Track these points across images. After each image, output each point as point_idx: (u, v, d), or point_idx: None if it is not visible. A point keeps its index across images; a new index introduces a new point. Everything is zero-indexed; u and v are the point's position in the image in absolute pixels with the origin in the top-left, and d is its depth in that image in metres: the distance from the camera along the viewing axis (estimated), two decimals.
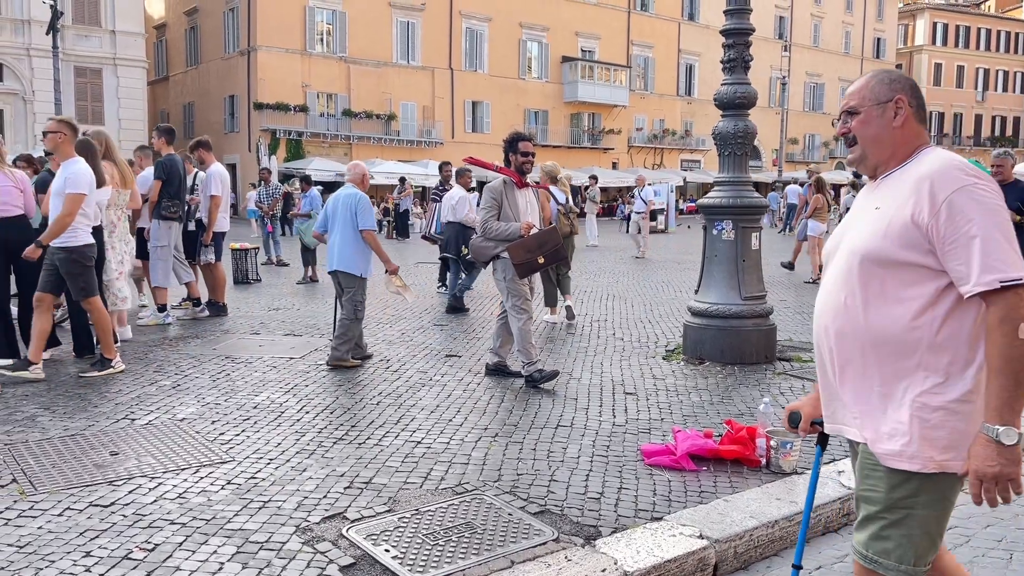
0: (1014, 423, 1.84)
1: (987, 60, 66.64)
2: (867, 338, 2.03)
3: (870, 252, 2.01)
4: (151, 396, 5.49)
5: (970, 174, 1.92)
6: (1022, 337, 1.82)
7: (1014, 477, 1.85)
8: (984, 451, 1.87)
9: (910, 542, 2.01)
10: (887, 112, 2.08)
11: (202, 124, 38.46)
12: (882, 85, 2.10)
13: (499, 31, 41.57)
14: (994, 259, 1.84)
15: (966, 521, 3.92)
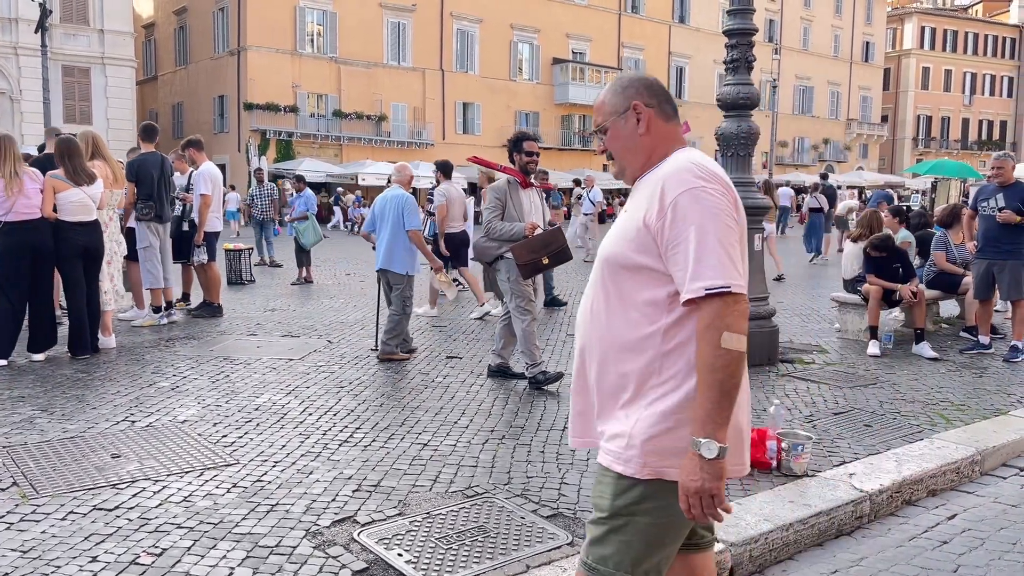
0: (716, 436, 1.75)
1: (974, 64, 67.09)
2: (608, 342, 1.95)
3: (611, 256, 1.95)
4: (150, 398, 5.40)
5: (700, 176, 1.83)
6: (725, 347, 1.73)
7: (715, 493, 1.76)
8: (688, 464, 1.78)
9: (629, 549, 1.91)
10: (629, 121, 2.01)
11: (191, 124, 38.24)
12: (616, 96, 2.03)
13: (490, 32, 41.53)
14: (704, 266, 1.76)
15: (979, 524, 3.90)
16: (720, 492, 1.77)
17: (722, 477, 1.77)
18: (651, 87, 2.06)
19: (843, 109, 59.47)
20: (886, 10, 63.35)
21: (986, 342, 7.35)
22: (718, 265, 1.76)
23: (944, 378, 6.38)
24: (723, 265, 1.77)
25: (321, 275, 13.37)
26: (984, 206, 7.18)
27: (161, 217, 8.23)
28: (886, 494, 4.06)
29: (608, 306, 1.96)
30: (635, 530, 1.91)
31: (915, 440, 4.77)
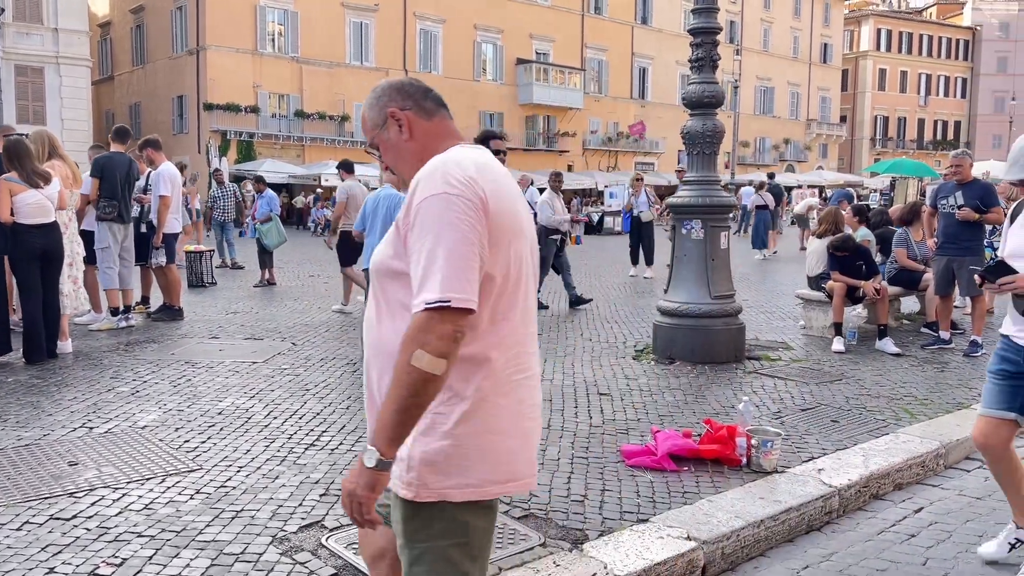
0: (382, 448, 1.66)
1: (929, 65, 68.43)
2: (383, 353, 1.81)
3: (376, 262, 1.87)
4: (109, 403, 5.26)
5: (450, 181, 1.71)
6: (414, 364, 1.62)
7: (363, 501, 1.69)
8: (356, 465, 1.73)
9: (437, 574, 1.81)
10: (391, 131, 1.94)
11: (149, 125, 37.55)
12: (372, 109, 1.97)
13: (453, 33, 41.40)
14: (430, 279, 1.64)
15: (945, 517, 3.94)
16: (368, 502, 1.69)
17: (375, 488, 1.69)
18: (403, 89, 1.97)
19: (803, 109, 60.28)
20: (843, 12, 64.33)
21: (947, 337, 7.46)
22: (443, 280, 1.64)
23: (907, 373, 6.46)
24: (448, 279, 1.64)
25: (284, 277, 13.20)
26: (943, 204, 7.29)
27: (123, 218, 8.06)
28: (854, 489, 4.08)
29: (379, 314, 1.85)
30: (436, 555, 1.81)
31: (881, 435, 4.81)
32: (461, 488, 1.76)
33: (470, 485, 1.77)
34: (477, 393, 1.76)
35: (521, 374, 1.84)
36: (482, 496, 1.79)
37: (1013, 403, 3.26)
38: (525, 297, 1.87)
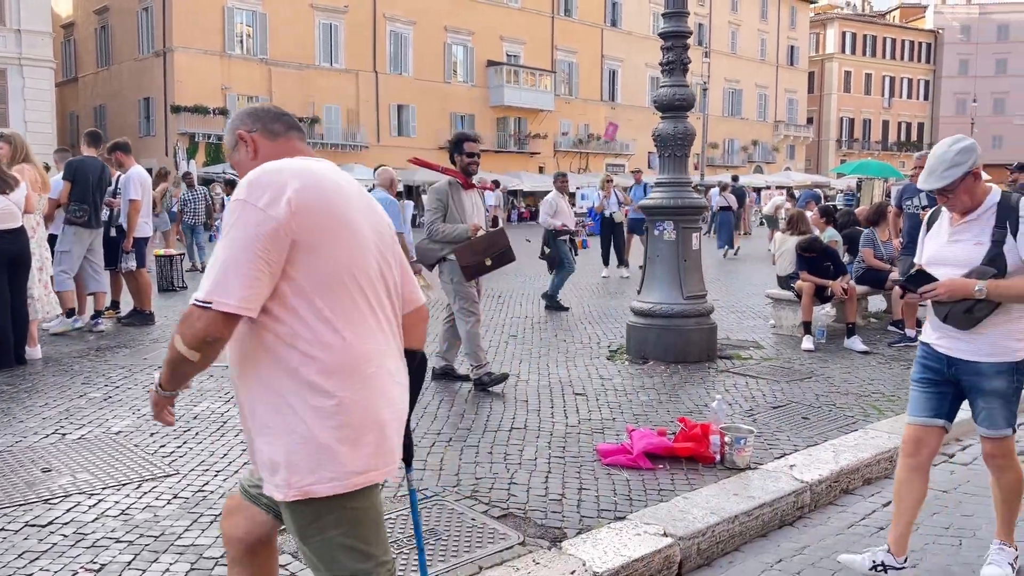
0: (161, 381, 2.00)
1: (893, 68, 69.58)
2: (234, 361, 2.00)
3: None
4: (81, 409, 5.22)
5: (253, 188, 1.84)
6: (177, 347, 1.86)
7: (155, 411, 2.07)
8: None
9: (340, 563, 1.96)
10: (241, 152, 2.10)
11: (115, 127, 37.06)
12: (228, 135, 2.14)
13: (424, 35, 41.34)
14: (209, 279, 1.80)
15: None
16: (157, 411, 2.06)
17: (158, 403, 2.05)
18: (253, 113, 2.12)
19: (771, 111, 60.99)
20: (809, 15, 65.20)
21: (912, 335, 7.61)
22: (214, 282, 1.79)
23: (875, 370, 6.59)
24: (218, 283, 1.78)
25: None
26: (908, 204, 7.45)
27: (92, 223, 7.95)
28: (825, 484, 4.17)
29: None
30: (332, 546, 1.95)
31: (850, 431, 4.91)
32: (325, 483, 1.88)
33: (334, 479, 1.88)
34: (326, 392, 1.87)
35: (372, 367, 1.93)
36: (346, 488, 1.90)
37: (940, 410, 3.24)
38: (378, 297, 1.98)
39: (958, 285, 3.00)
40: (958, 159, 2.98)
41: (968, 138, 3.07)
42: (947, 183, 2.98)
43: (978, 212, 3.07)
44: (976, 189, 3.05)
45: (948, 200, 3.08)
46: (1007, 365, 3.06)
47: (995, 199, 3.07)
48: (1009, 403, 3.12)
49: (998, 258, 2.99)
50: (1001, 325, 3.03)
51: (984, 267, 3.00)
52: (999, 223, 3.01)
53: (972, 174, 3.00)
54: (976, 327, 3.03)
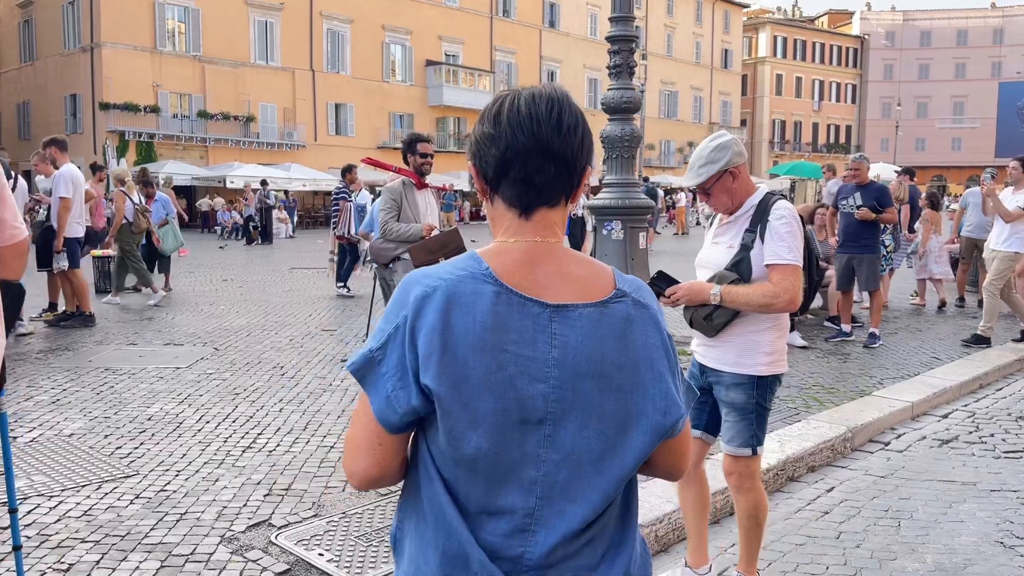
0: None
1: (822, 72, 71.65)
2: None
3: None
4: (29, 412, 5.12)
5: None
6: None
7: None
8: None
9: None
10: None
11: (40, 124, 35.89)
12: None
13: (361, 33, 41.04)
14: None
15: (854, 495, 4.25)
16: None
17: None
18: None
19: (705, 113, 62.22)
20: (742, 20, 66.72)
21: (848, 330, 7.94)
22: None
23: (814, 364, 6.86)
24: None
25: (197, 282, 12.91)
26: (843, 204, 7.76)
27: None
28: (772, 472, 4.36)
29: None
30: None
31: (793, 422, 5.13)
32: None
33: None
34: None
35: None
36: None
37: (699, 421, 3.05)
38: None
39: (696, 289, 2.81)
40: (713, 156, 2.79)
41: (728, 135, 2.88)
42: (701, 180, 2.80)
43: (738, 213, 2.87)
44: (736, 188, 2.83)
45: (708, 199, 2.88)
46: (747, 378, 2.82)
47: (755, 200, 2.86)
48: (747, 419, 2.86)
49: (742, 263, 2.79)
50: (746, 335, 2.81)
51: (725, 271, 2.81)
52: (751, 226, 2.81)
53: (730, 173, 2.80)
54: (723, 335, 2.83)
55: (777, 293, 2.69)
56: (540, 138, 1.22)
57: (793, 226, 2.75)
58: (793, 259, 2.72)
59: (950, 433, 5.31)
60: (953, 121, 72.75)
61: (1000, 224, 7.78)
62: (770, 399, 2.89)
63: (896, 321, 9.19)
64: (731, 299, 2.73)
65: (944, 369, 6.71)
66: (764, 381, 2.83)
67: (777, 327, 2.85)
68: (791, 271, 2.71)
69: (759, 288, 2.71)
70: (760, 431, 2.89)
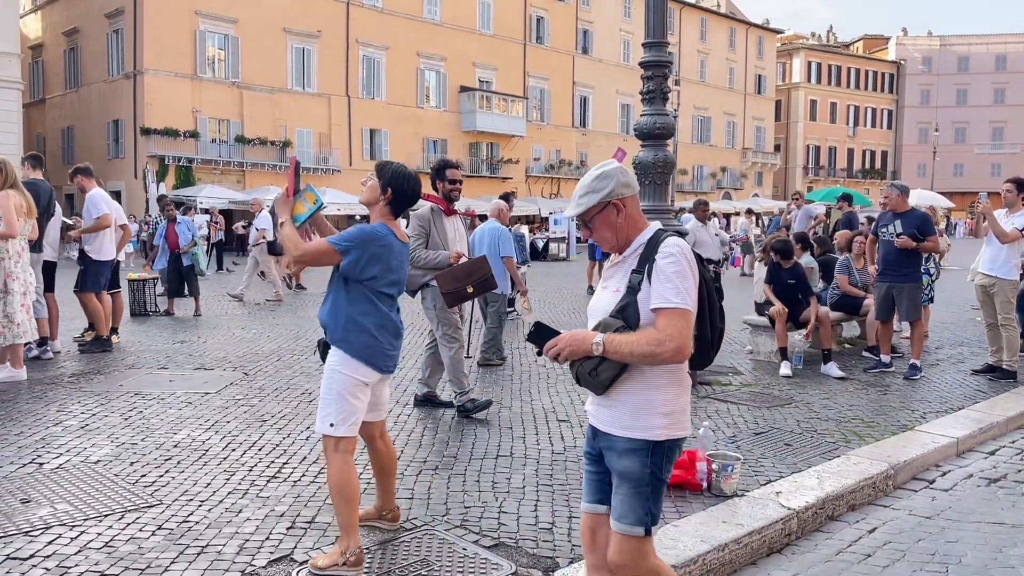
0: None
1: (857, 98, 71.07)
2: None
3: None
4: (57, 437, 5.11)
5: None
6: None
7: None
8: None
9: None
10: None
11: (83, 149, 36.68)
12: None
13: (396, 60, 41.52)
14: None
15: (898, 536, 4.07)
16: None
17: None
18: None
19: (739, 138, 61.91)
20: (776, 45, 66.49)
21: (887, 361, 7.72)
22: None
23: (853, 396, 6.66)
24: None
25: (231, 305, 12.98)
26: (883, 232, 7.58)
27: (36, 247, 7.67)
28: (811, 511, 4.20)
29: None
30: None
31: (832, 457, 4.96)
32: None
33: None
34: None
35: None
36: None
37: (602, 494, 2.65)
38: None
39: (578, 339, 2.43)
40: (595, 185, 2.50)
41: (614, 163, 2.58)
42: (580, 211, 2.52)
43: (626, 253, 2.54)
44: (620, 224, 2.52)
45: (591, 234, 2.57)
46: (642, 443, 2.46)
47: (644, 238, 2.52)
48: (640, 493, 2.48)
49: (628, 307, 2.45)
50: (640, 393, 2.46)
51: (610, 319, 2.47)
52: (638, 266, 2.47)
53: (613, 205, 2.49)
54: (614, 392, 2.47)
55: (662, 340, 2.33)
56: None
57: (683, 266, 2.40)
58: (681, 302, 2.37)
59: (998, 471, 5.10)
60: (992, 147, 71.65)
61: (993, 247, 7.52)
62: (667, 470, 2.52)
63: (937, 352, 8.93)
64: (614, 349, 2.37)
65: (989, 403, 6.48)
66: (661, 447, 2.47)
67: (676, 383, 2.50)
68: (678, 316, 2.36)
69: (643, 335, 2.36)
70: (655, 507, 2.52)
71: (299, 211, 3.51)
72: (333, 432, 3.32)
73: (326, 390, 3.37)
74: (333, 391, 3.34)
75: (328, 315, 3.42)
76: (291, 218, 3.46)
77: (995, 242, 7.48)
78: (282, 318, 11.43)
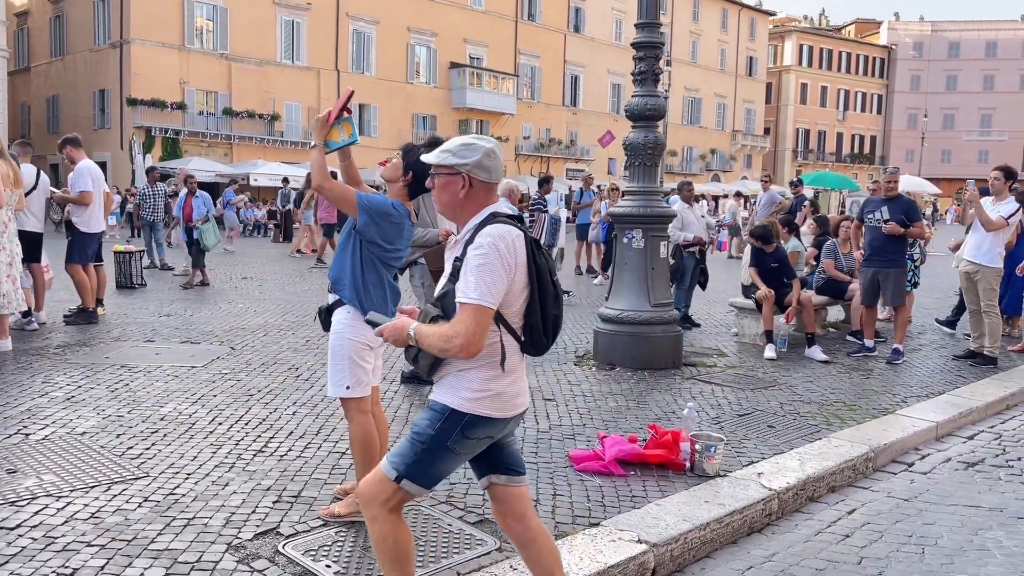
0: None
1: (848, 82, 71.05)
2: None
3: None
4: (43, 408, 5.10)
5: None
6: None
7: None
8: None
9: None
10: None
11: (68, 119, 36.29)
12: None
13: (387, 34, 41.17)
14: None
15: (876, 518, 4.14)
16: None
17: None
18: None
19: (729, 121, 61.86)
20: (768, 27, 66.28)
21: (871, 345, 7.80)
22: None
23: (835, 380, 6.73)
24: None
25: (217, 279, 12.93)
26: (870, 217, 7.62)
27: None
28: (792, 492, 4.26)
29: None
30: None
31: (814, 439, 5.02)
32: None
33: None
34: None
35: None
36: None
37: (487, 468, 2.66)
38: None
39: (399, 328, 2.43)
40: (458, 150, 2.45)
41: (493, 143, 2.51)
42: (434, 162, 2.47)
43: (461, 234, 2.48)
44: (461, 202, 2.47)
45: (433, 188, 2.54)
46: (441, 406, 2.46)
47: (475, 223, 2.44)
48: (414, 443, 2.46)
49: (448, 296, 2.41)
50: (456, 373, 2.46)
51: (430, 306, 2.47)
52: (462, 253, 2.40)
53: (463, 177, 2.43)
54: (438, 375, 2.49)
55: (450, 336, 2.31)
56: None
57: (489, 258, 2.31)
58: (477, 298, 2.30)
59: (976, 456, 5.18)
60: (980, 134, 71.91)
61: (979, 235, 7.58)
62: (459, 440, 2.44)
63: (920, 337, 9.02)
64: (421, 340, 2.38)
65: (969, 388, 6.56)
66: (458, 417, 2.43)
67: (489, 367, 2.44)
68: (471, 312, 2.30)
69: (439, 330, 2.35)
70: (422, 465, 2.46)
71: (333, 137, 3.61)
72: (350, 394, 3.50)
73: (336, 356, 3.50)
74: (344, 356, 3.49)
75: (340, 274, 3.57)
76: (324, 143, 3.55)
77: (980, 230, 7.53)
78: (269, 293, 11.41)
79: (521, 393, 2.57)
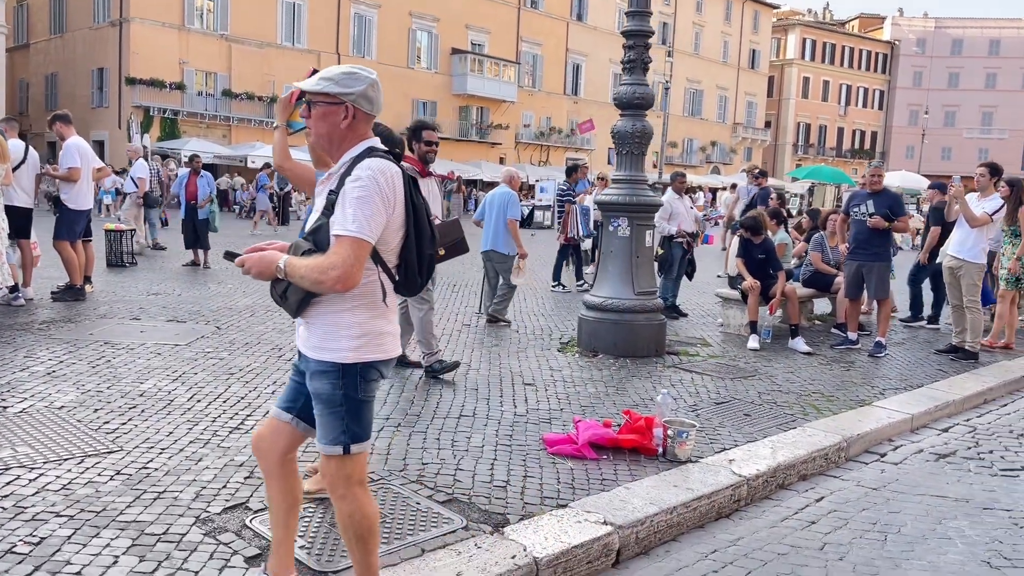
0: None
1: (850, 76, 70.86)
2: None
3: None
4: (23, 382, 5.14)
5: None
6: None
7: None
8: None
9: None
10: None
11: (67, 97, 36.17)
12: None
13: (388, 18, 41.04)
14: None
15: (844, 506, 4.18)
16: None
17: None
18: None
19: (730, 113, 61.75)
20: (771, 20, 66.06)
21: (854, 338, 7.84)
22: None
23: (816, 371, 6.78)
24: None
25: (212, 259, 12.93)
26: (856, 211, 7.65)
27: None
28: (762, 479, 4.30)
29: None
30: None
31: (789, 428, 5.06)
32: None
33: None
34: None
35: None
36: None
37: (293, 403, 2.63)
38: None
39: (266, 260, 2.38)
40: (341, 79, 2.40)
41: (374, 75, 2.44)
42: (314, 90, 2.41)
43: (335, 167, 2.44)
44: (342, 131, 2.42)
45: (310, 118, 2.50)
46: (330, 365, 2.42)
47: (351, 155, 2.41)
48: (335, 413, 2.44)
49: (321, 230, 2.38)
50: (329, 315, 2.42)
51: (301, 240, 2.44)
52: (336, 186, 2.37)
53: (345, 107, 2.40)
54: (308, 314, 2.45)
55: (326, 268, 2.26)
56: None
57: (368, 191, 2.29)
58: (356, 231, 2.27)
59: (948, 448, 5.22)
60: (981, 131, 71.79)
61: (963, 231, 7.61)
62: (364, 389, 2.45)
63: (904, 331, 9.06)
64: (292, 272, 2.33)
65: (948, 382, 6.61)
66: (352, 369, 2.41)
67: (368, 306, 2.43)
68: (348, 244, 2.26)
69: (314, 261, 2.29)
70: (356, 426, 2.46)
71: (295, 118, 3.56)
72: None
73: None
74: None
75: None
76: (287, 123, 3.53)
77: (965, 225, 7.56)
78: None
79: (398, 333, 2.56)
